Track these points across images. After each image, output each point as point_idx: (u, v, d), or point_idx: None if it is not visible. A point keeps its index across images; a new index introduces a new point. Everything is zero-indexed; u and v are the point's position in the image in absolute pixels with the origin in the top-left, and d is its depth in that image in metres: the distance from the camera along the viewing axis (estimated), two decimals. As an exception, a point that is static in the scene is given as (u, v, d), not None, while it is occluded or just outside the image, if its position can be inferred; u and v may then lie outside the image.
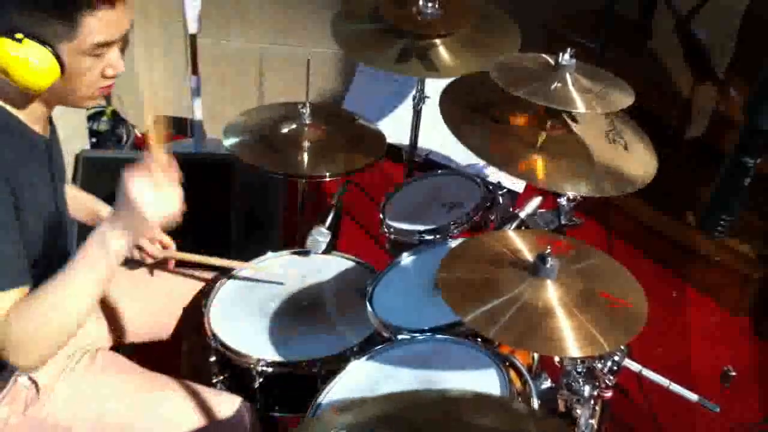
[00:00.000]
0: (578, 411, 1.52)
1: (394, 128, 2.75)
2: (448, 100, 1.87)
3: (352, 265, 1.98)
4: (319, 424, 0.97)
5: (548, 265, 1.41)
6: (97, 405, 1.61)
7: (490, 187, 2.09)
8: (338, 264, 1.98)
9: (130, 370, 1.70)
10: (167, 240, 1.85)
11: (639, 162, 1.76)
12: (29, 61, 1.31)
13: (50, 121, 1.58)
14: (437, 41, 2.13)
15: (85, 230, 1.74)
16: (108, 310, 1.84)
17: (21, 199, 1.40)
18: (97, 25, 1.34)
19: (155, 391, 1.65)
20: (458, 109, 1.84)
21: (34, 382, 1.58)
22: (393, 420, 0.94)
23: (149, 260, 1.84)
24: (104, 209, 1.81)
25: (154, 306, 1.89)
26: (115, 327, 1.85)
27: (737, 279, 2.78)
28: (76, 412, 1.59)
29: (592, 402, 1.52)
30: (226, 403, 1.65)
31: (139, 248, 1.82)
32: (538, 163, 1.70)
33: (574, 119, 1.78)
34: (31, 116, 1.47)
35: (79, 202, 1.80)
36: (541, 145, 1.73)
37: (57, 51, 1.33)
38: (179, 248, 1.88)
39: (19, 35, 1.31)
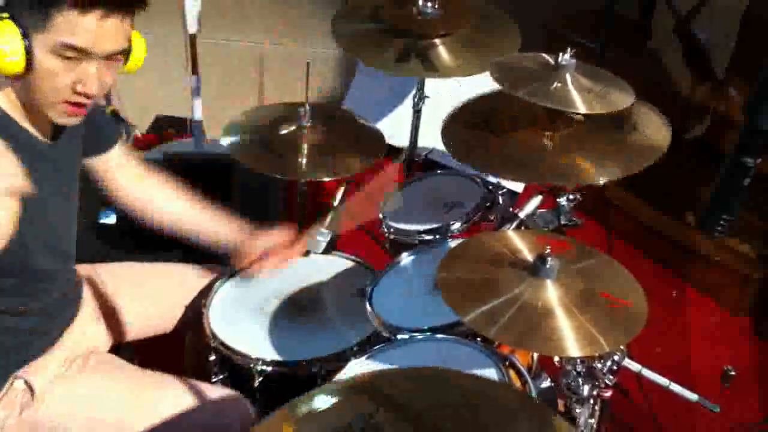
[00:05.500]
0: (578, 411, 1.52)
1: (394, 128, 2.75)
2: (451, 137, 1.83)
3: (352, 265, 1.98)
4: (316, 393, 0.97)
5: (548, 266, 1.41)
6: (93, 406, 1.60)
7: (490, 187, 2.09)
8: (338, 264, 1.98)
9: (125, 370, 1.70)
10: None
11: (653, 131, 1.75)
12: None
13: (61, 128, 1.55)
14: (437, 41, 2.12)
15: (83, 240, 1.76)
16: (108, 309, 1.84)
17: None
18: (65, 25, 1.31)
19: (151, 390, 1.65)
20: (465, 141, 1.82)
21: (29, 386, 1.57)
22: (386, 397, 0.95)
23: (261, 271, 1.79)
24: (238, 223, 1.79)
25: (155, 305, 1.89)
26: (116, 326, 1.85)
27: (737, 279, 2.78)
28: (72, 413, 1.59)
29: (592, 402, 1.52)
30: (225, 399, 1.65)
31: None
32: (579, 161, 1.69)
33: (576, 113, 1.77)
34: (30, 118, 1.46)
35: (213, 219, 1.81)
36: (560, 145, 1.72)
37: (30, 41, 1.32)
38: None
39: (4, 15, 1.31)
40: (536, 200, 1.95)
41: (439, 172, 2.43)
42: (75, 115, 1.44)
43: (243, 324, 1.78)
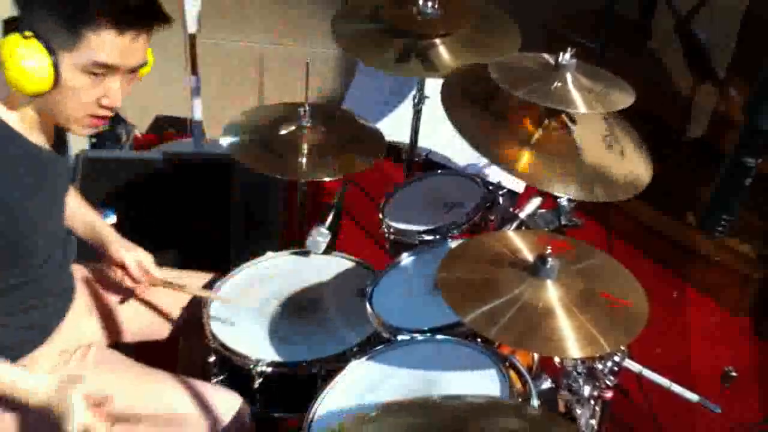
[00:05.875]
0: (578, 411, 1.52)
1: (394, 128, 2.75)
2: (451, 89, 1.85)
3: (352, 265, 1.98)
4: None
5: (548, 266, 1.41)
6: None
7: (490, 188, 2.08)
8: (338, 264, 1.98)
9: (124, 365, 1.70)
10: (155, 273, 1.82)
11: (632, 170, 1.76)
12: (25, 60, 1.30)
13: (59, 131, 1.56)
14: (437, 41, 2.12)
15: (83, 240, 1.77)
16: (106, 308, 1.84)
17: (12, 216, 1.41)
18: (98, 44, 1.33)
19: (151, 385, 1.65)
20: (459, 98, 1.83)
21: None
22: (418, 429, 0.94)
23: (128, 283, 1.80)
24: (106, 229, 1.79)
25: (153, 305, 1.89)
26: (113, 325, 1.85)
27: (737, 279, 2.78)
28: None
29: (593, 402, 1.52)
30: (222, 398, 1.65)
31: (122, 267, 1.79)
32: (530, 159, 1.69)
33: (573, 120, 1.77)
34: (35, 128, 1.46)
35: (82, 218, 1.79)
36: (535, 142, 1.72)
37: (57, 59, 1.32)
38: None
39: (28, 33, 1.31)
40: (536, 200, 1.95)
41: (439, 172, 2.43)
42: (96, 126, 1.46)
43: (243, 325, 1.78)
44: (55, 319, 1.67)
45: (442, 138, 1.89)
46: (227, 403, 1.65)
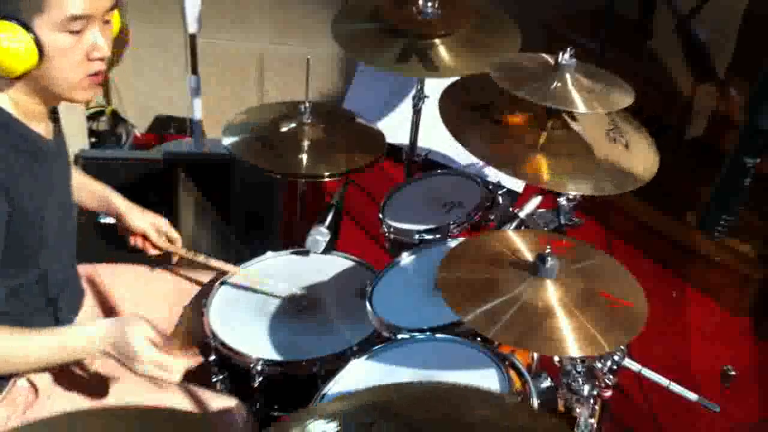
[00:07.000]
0: (578, 410, 1.52)
1: (394, 128, 2.74)
2: (447, 102, 1.86)
3: (352, 265, 1.98)
4: (310, 413, 0.96)
5: (548, 265, 1.41)
6: (95, 404, 1.60)
7: (490, 187, 2.08)
8: (338, 264, 1.98)
9: (128, 370, 1.70)
10: (174, 235, 1.87)
11: (640, 160, 1.76)
12: (3, 42, 1.29)
13: (56, 124, 1.56)
14: (437, 41, 2.13)
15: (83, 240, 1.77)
16: (107, 309, 1.84)
17: (20, 207, 1.40)
18: None
19: (153, 392, 1.65)
20: (458, 112, 1.84)
21: (33, 385, 1.57)
22: (385, 409, 0.94)
23: (152, 251, 1.86)
24: (117, 199, 1.83)
25: (154, 305, 1.89)
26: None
27: (737, 279, 2.78)
28: (75, 410, 1.59)
29: (592, 401, 1.52)
30: (222, 405, 1.65)
31: (144, 238, 1.84)
32: (542, 163, 1.69)
33: (573, 118, 1.78)
34: (32, 118, 1.46)
35: (90, 189, 1.82)
36: (543, 145, 1.73)
37: (33, 28, 1.32)
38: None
39: None
40: (536, 200, 1.95)
41: (439, 172, 2.43)
42: (96, 86, 1.46)
43: (243, 324, 1.78)
44: (66, 321, 1.67)
45: (442, 138, 1.88)
46: (228, 413, 1.65)
